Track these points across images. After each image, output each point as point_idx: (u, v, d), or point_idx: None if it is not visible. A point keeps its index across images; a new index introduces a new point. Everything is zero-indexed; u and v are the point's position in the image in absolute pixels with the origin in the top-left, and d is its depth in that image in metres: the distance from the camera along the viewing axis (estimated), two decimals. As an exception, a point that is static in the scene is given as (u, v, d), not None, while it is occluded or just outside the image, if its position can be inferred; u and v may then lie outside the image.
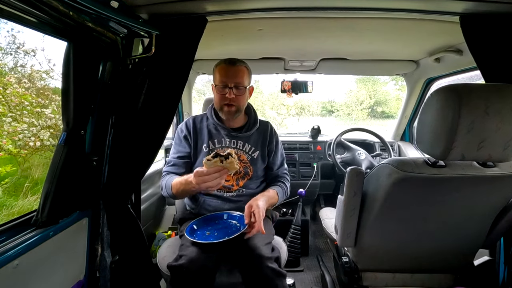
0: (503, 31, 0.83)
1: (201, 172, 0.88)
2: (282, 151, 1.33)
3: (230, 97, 1.09)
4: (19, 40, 3.12)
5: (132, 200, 1.04)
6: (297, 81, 1.83)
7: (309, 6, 0.87)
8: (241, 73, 1.11)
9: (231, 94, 1.09)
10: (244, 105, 1.17)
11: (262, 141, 1.24)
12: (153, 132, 0.92)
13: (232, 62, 1.11)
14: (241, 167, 1.18)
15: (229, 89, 1.09)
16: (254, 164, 1.21)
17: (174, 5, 0.81)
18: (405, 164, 0.79)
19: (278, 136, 1.32)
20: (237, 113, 1.15)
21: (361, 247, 0.99)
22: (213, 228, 1.06)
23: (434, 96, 0.72)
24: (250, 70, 1.16)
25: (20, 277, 0.69)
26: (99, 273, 0.96)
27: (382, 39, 1.26)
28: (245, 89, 1.12)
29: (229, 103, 1.11)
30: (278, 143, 1.30)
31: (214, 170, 0.87)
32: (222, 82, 1.10)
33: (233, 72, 1.10)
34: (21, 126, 2.63)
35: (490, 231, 0.94)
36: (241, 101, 1.14)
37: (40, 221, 0.77)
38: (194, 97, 2.24)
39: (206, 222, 1.09)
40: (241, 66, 1.11)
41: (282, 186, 1.24)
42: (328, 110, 12.22)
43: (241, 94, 1.12)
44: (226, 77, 1.09)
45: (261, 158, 1.23)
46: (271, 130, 1.28)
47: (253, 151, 1.21)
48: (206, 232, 1.03)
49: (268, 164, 1.26)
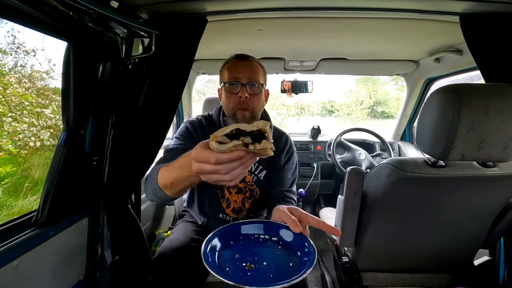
0: (503, 31, 0.83)
1: (207, 155, 0.45)
2: (296, 172, 1.07)
3: (243, 98, 0.89)
4: (19, 40, 3.13)
5: (132, 200, 1.04)
6: (297, 81, 1.83)
7: (309, 6, 0.87)
8: (255, 68, 0.92)
9: (244, 93, 0.88)
10: (260, 109, 0.95)
11: (273, 157, 0.99)
12: (153, 132, 0.92)
13: (244, 57, 0.94)
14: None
15: (242, 86, 0.89)
16: (259, 186, 1.02)
17: (174, 5, 0.81)
18: (405, 164, 0.79)
19: (294, 150, 1.08)
20: (252, 120, 0.91)
21: (361, 247, 0.98)
22: (245, 252, 0.59)
23: (434, 96, 0.72)
24: (265, 69, 0.97)
25: (20, 277, 0.69)
26: (99, 273, 0.96)
27: (382, 39, 1.26)
28: (261, 87, 0.92)
29: (243, 107, 0.90)
30: (292, 159, 1.05)
31: (231, 157, 0.44)
32: (233, 78, 0.90)
33: (245, 66, 0.91)
34: (21, 126, 2.63)
35: (490, 231, 0.94)
36: (257, 103, 0.92)
37: (40, 221, 0.77)
38: (194, 97, 2.24)
39: (229, 241, 0.62)
40: (254, 62, 0.94)
41: (293, 204, 0.97)
42: (328, 110, 12.21)
43: (256, 93, 0.91)
44: (237, 72, 0.90)
45: (267, 179, 1.04)
46: (286, 142, 1.05)
47: (260, 171, 1.02)
48: (242, 263, 0.56)
49: (273, 181, 1.02)
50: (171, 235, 1.01)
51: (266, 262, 0.56)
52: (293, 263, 0.56)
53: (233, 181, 0.47)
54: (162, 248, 0.91)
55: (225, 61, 0.97)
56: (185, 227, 1.04)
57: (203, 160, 0.46)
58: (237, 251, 0.59)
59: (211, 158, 0.44)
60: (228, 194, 1.03)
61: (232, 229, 0.65)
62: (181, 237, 0.96)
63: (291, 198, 1.00)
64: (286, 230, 0.63)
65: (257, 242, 0.63)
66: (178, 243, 0.91)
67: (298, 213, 0.65)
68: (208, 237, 0.60)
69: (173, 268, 0.84)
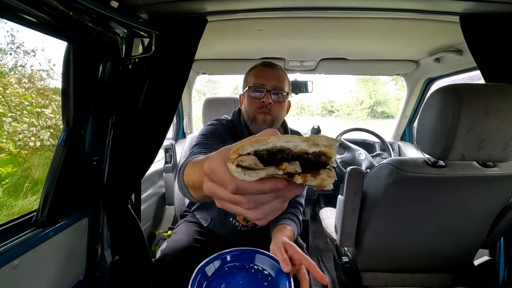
0: (503, 31, 0.83)
1: (224, 177, 0.28)
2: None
3: (267, 103, 0.88)
4: (19, 40, 3.13)
5: (132, 200, 1.04)
6: (297, 81, 1.83)
7: (309, 6, 0.87)
8: (282, 76, 0.93)
9: (268, 98, 0.89)
10: (281, 118, 0.95)
11: None
12: (153, 132, 0.92)
13: (271, 65, 0.95)
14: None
15: (267, 92, 0.89)
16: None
17: (174, 5, 0.81)
18: (405, 164, 0.79)
19: None
20: (273, 125, 0.92)
21: (361, 247, 0.98)
22: (232, 283, 0.61)
23: (434, 96, 0.72)
24: (289, 80, 0.98)
25: (20, 277, 0.69)
26: (99, 273, 0.96)
27: (382, 39, 1.26)
28: (285, 96, 0.92)
29: (265, 111, 0.90)
30: None
31: (261, 189, 0.27)
32: (258, 84, 0.90)
33: (272, 74, 0.92)
34: (21, 126, 2.63)
35: (490, 231, 0.94)
36: (279, 110, 0.92)
37: (40, 221, 0.77)
38: (194, 97, 2.24)
39: (217, 274, 0.63)
40: (281, 70, 0.94)
41: (296, 222, 0.91)
42: (328, 110, 12.23)
43: (280, 101, 0.91)
44: (263, 79, 0.90)
45: None
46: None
47: None
48: None
49: None
50: (174, 236, 1.00)
51: None
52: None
53: (262, 220, 0.31)
54: (165, 249, 0.90)
55: (251, 67, 0.97)
56: (187, 228, 1.03)
57: (217, 181, 0.29)
58: (225, 281, 0.61)
59: (228, 184, 0.27)
60: None
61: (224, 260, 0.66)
62: (184, 237, 0.95)
63: (299, 203, 1.00)
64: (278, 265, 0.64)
65: (248, 273, 0.64)
66: (182, 244, 0.90)
67: (291, 251, 0.66)
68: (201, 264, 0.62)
69: (176, 269, 0.84)
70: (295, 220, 0.90)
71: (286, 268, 0.60)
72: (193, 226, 1.06)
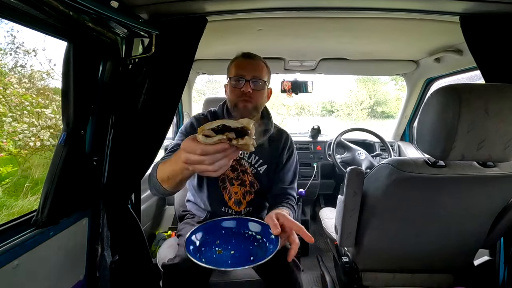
0: (503, 31, 0.83)
1: (194, 147, 0.49)
2: (297, 167, 1.14)
3: (246, 91, 0.96)
4: (19, 39, 3.13)
5: (132, 200, 1.04)
6: (297, 81, 1.83)
7: (309, 6, 0.87)
8: (260, 66, 1.00)
9: (248, 87, 0.96)
10: (262, 104, 1.03)
11: (273, 153, 1.08)
12: (153, 132, 0.92)
13: (250, 56, 1.01)
14: (248, 180, 1.04)
15: (246, 81, 0.96)
16: (260, 181, 1.07)
17: (174, 5, 0.81)
18: (405, 164, 0.79)
19: (294, 148, 1.14)
20: (254, 111, 0.99)
21: (361, 247, 0.98)
22: (224, 242, 0.73)
23: (434, 96, 0.72)
24: (269, 69, 1.05)
25: (20, 277, 0.69)
26: (99, 273, 0.96)
27: (382, 39, 1.26)
28: (264, 83, 0.99)
29: (245, 99, 0.97)
30: (293, 157, 1.12)
31: (215, 149, 0.48)
32: (238, 75, 0.97)
33: (251, 65, 0.99)
34: (21, 126, 2.63)
35: (490, 231, 0.94)
36: (259, 97, 0.99)
37: (40, 221, 0.77)
38: (194, 97, 2.24)
39: (210, 232, 0.75)
40: (260, 61, 1.01)
41: (290, 208, 0.99)
42: (328, 110, 12.22)
43: (259, 89, 0.98)
44: (243, 69, 0.98)
45: (267, 175, 1.08)
46: (287, 141, 1.11)
47: (260, 165, 1.07)
48: (215, 248, 0.71)
49: (275, 179, 1.08)
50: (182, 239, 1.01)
51: (233, 251, 0.70)
52: (254, 257, 0.67)
53: (217, 172, 0.50)
54: (182, 254, 0.91)
55: (232, 59, 1.04)
56: (190, 227, 1.06)
57: (190, 151, 0.49)
58: (219, 238, 0.74)
59: (197, 149, 0.48)
60: (230, 186, 1.06)
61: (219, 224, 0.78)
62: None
63: (291, 195, 1.08)
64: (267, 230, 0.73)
65: (241, 236, 0.75)
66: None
67: (282, 219, 0.73)
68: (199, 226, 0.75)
69: (184, 273, 0.88)
70: (289, 206, 0.99)
71: (275, 231, 0.68)
72: (191, 221, 1.11)
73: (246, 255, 0.68)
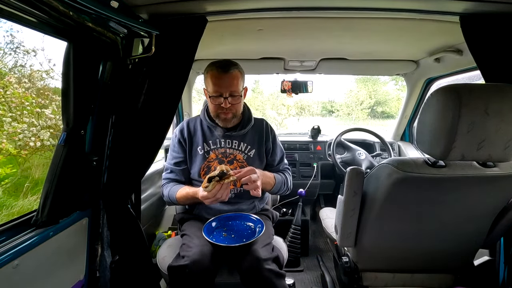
0: (503, 31, 0.83)
1: (206, 196, 0.96)
2: (281, 146, 1.30)
3: (225, 107, 1.07)
4: (19, 39, 3.13)
5: (132, 200, 1.04)
6: (297, 81, 1.83)
7: (309, 6, 0.87)
8: (235, 80, 1.06)
9: (226, 104, 1.06)
10: (240, 109, 1.16)
11: (259, 139, 1.22)
12: (153, 132, 0.92)
13: (224, 68, 1.05)
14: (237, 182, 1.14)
15: (225, 99, 1.06)
16: (251, 163, 1.18)
17: (174, 5, 0.81)
18: (405, 164, 0.79)
19: (275, 132, 1.29)
20: (234, 118, 1.14)
21: (361, 247, 0.99)
22: (229, 230, 1.07)
23: (434, 96, 0.72)
24: (243, 72, 1.11)
25: (20, 277, 0.69)
26: (99, 273, 0.96)
27: (382, 39, 1.26)
28: (240, 96, 1.09)
29: (225, 111, 1.09)
30: (276, 139, 1.28)
31: (217, 190, 0.95)
32: (216, 92, 1.06)
33: (226, 80, 1.04)
34: (21, 126, 2.62)
35: (490, 231, 0.94)
36: (238, 107, 1.12)
37: (40, 221, 0.77)
38: (194, 97, 2.24)
39: (222, 222, 1.11)
40: (234, 71, 1.06)
41: (281, 175, 1.22)
42: (328, 110, 12.22)
43: (237, 102, 1.09)
44: (219, 87, 1.05)
45: (258, 156, 1.21)
46: (267, 127, 1.26)
47: (249, 150, 1.20)
48: (222, 233, 1.05)
49: (268, 161, 1.25)
50: (186, 239, 1.04)
51: (234, 235, 1.05)
52: (246, 239, 1.00)
53: (225, 198, 0.99)
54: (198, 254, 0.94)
55: (206, 68, 1.09)
56: (194, 227, 1.12)
57: (205, 197, 0.99)
58: (226, 227, 1.10)
59: (209, 195, 0.97)
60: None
61: (230, 217, 1.15)
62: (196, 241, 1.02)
63: (284, 168, 1.30)
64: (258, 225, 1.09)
65: (239, 225, 1.12)
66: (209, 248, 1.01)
67: (247, 168, 1.03)
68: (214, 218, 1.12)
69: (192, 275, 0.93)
70: (280, 174, 1.24)
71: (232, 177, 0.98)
72: (195, 222, 1.15)
73: (242, 237, 1.03)
